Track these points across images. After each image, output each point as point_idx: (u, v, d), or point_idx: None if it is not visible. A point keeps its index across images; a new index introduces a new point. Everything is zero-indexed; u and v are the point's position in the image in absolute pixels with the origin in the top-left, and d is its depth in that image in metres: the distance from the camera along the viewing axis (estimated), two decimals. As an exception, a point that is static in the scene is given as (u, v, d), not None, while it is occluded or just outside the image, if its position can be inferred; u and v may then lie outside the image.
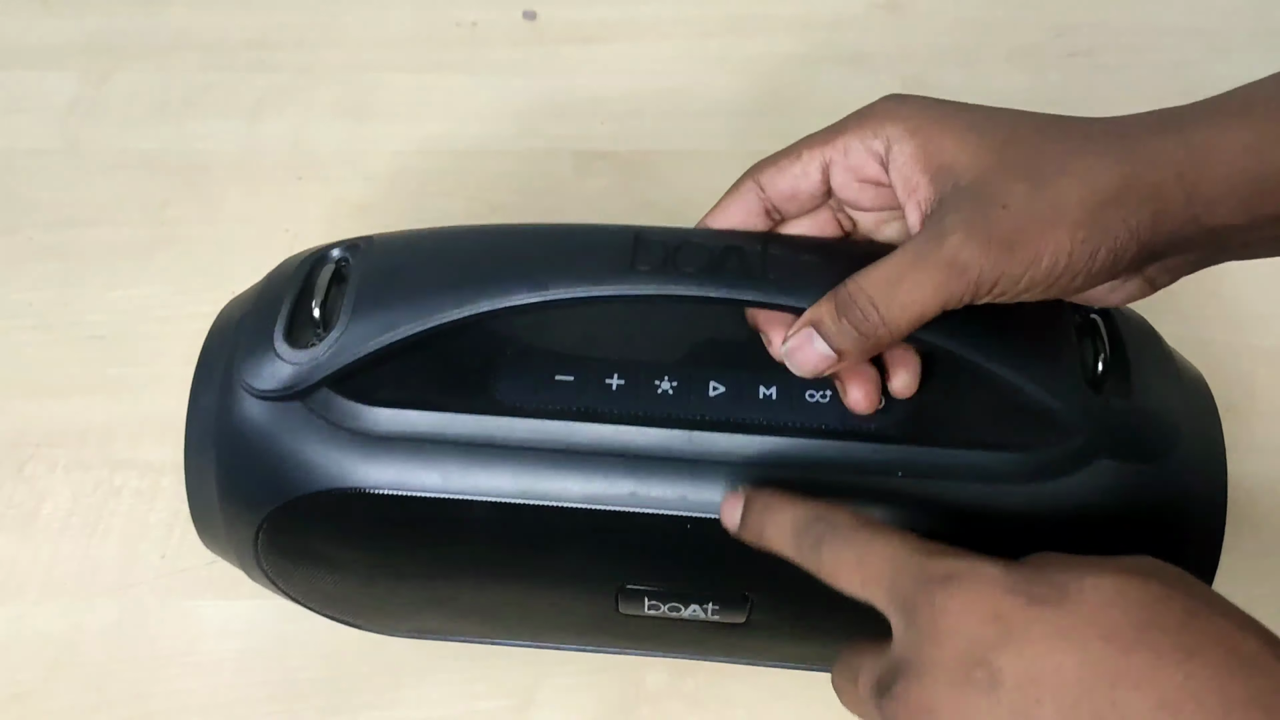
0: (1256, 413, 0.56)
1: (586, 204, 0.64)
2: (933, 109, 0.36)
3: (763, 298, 0.36)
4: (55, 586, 0.51)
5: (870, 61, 0.71)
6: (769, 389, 0.38)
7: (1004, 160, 0.33)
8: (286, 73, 0.70)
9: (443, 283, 0.37)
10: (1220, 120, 0.34)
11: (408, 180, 0.65)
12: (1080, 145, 0.34)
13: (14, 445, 0.55)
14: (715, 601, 0.40)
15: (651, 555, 0.39)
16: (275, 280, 0.41)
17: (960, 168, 0.34)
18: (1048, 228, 0.32)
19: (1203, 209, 0.32)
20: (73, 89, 0.69)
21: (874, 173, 0.36)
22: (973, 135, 0.34)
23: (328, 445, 0.37)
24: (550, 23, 0.74)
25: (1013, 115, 0.35)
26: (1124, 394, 0.37)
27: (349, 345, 0.37)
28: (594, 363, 0.39)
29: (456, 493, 0.37)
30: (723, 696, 0.48)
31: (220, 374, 0.39)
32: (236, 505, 0.39)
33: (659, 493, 0.37)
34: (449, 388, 0.38)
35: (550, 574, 0.41)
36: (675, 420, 0.37)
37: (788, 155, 0.38)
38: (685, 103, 0.69)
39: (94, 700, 0.48)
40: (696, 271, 0.36)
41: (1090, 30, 0.73)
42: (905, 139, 0.35)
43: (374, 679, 0.49)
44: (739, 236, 0.38)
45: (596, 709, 0.48)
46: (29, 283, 0.61)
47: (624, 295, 0.36)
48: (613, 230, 0.38)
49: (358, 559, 0.41)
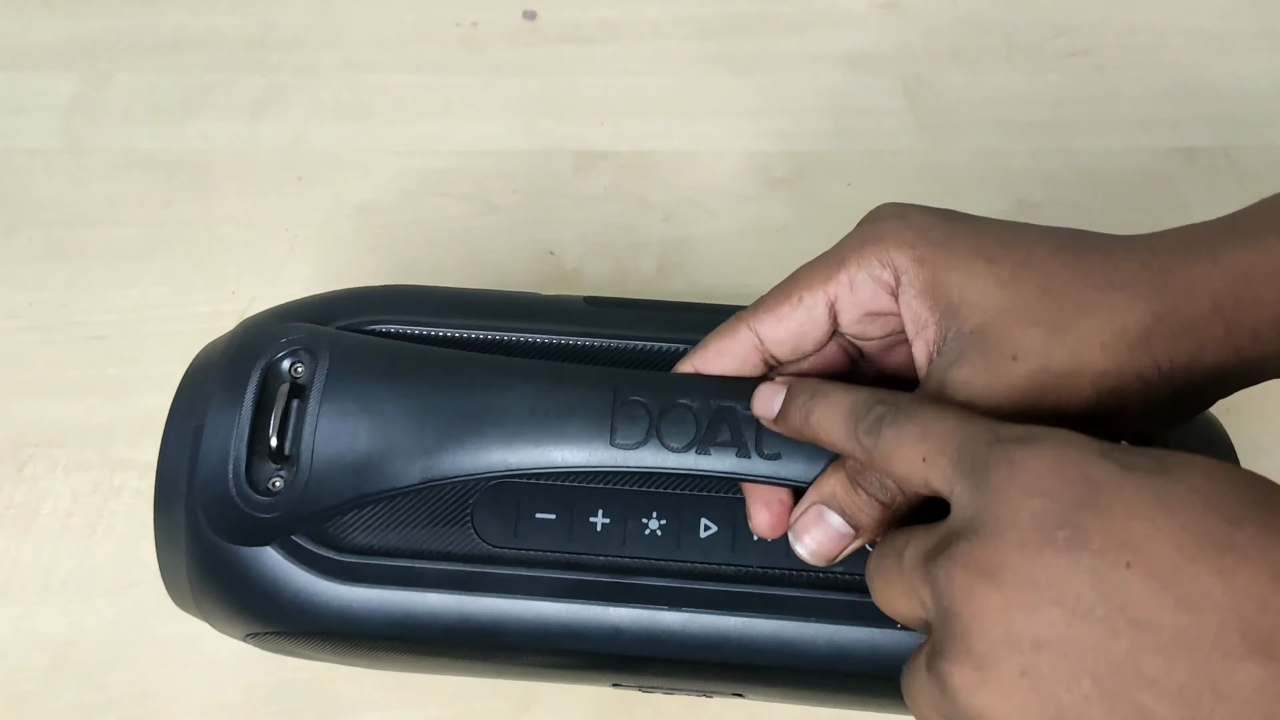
0: (1257, 413, 0.56)
1: (586, 204, 0.64)
2: (937, 231, 0.32)
3: (760, 475, 0.34)
4: (55, 586, 0.51)
5: (870, 61, 0.71)
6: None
7: (1016, 298, 0.30)
8: (286, 73, 0.70)
9: (408, 448, 0.35)
10: (1258, 240, 0.29)
11: (407, 180, 0.65)
12: (1104, 275, 0.29)
13: (14, 445, 0.55)
14: (708, 695, 0.40)
15: (643, 673, 0.38)
16: (230, 384, 0.38)
17: (966, 308, 0.30)
18: (1069, 380, 0.28)
19: (1246, 341, 0.29)
20: (73, 89, 0.69)
21: (885, 304, 0.33)
22: (980, 264, 0.30)
23: (300, 590, 0.36)
24: (550, 23, 0.74)
25: (1024, 236, 0.31)
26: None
27: (314, 496, 0.36)
28: (576, 495, 0.36)
29: (438, 634, 0.36)
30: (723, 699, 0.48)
31: (182, 502, 0.37)
32: (217, 623, 0.39)
33: (649, 632, 0.36)
34: (424, 529, 0.36)
35: (541, 675, 0.41)
36: (666, 570, 0.36)
37: (785, 300, 0.33)
38: (685, 103, 0.69)
39: (94, 700, 0.48)
40: (683, 448, 0.34)
41: (1090, 30, 0.73)
42: (914, 270, 0.31)
43: (374, 679, 0.48)
44: (730, 390, 0.34)
45: (596, 709, 0.48)
46: (29, 283, 0.61)
47: (606, 470, 0.34)
48: (591, 382, 0.35)
49: (349, 662, 0.41)
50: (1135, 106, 0.69)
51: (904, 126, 0.68)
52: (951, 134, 0.67)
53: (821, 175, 0.66)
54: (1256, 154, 0.67)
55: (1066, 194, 0.65)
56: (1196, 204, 0.64)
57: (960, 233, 0.31)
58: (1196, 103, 0.68)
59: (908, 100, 0.69)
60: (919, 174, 0.66)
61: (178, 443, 0.38)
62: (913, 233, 0.32)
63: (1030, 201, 0.64)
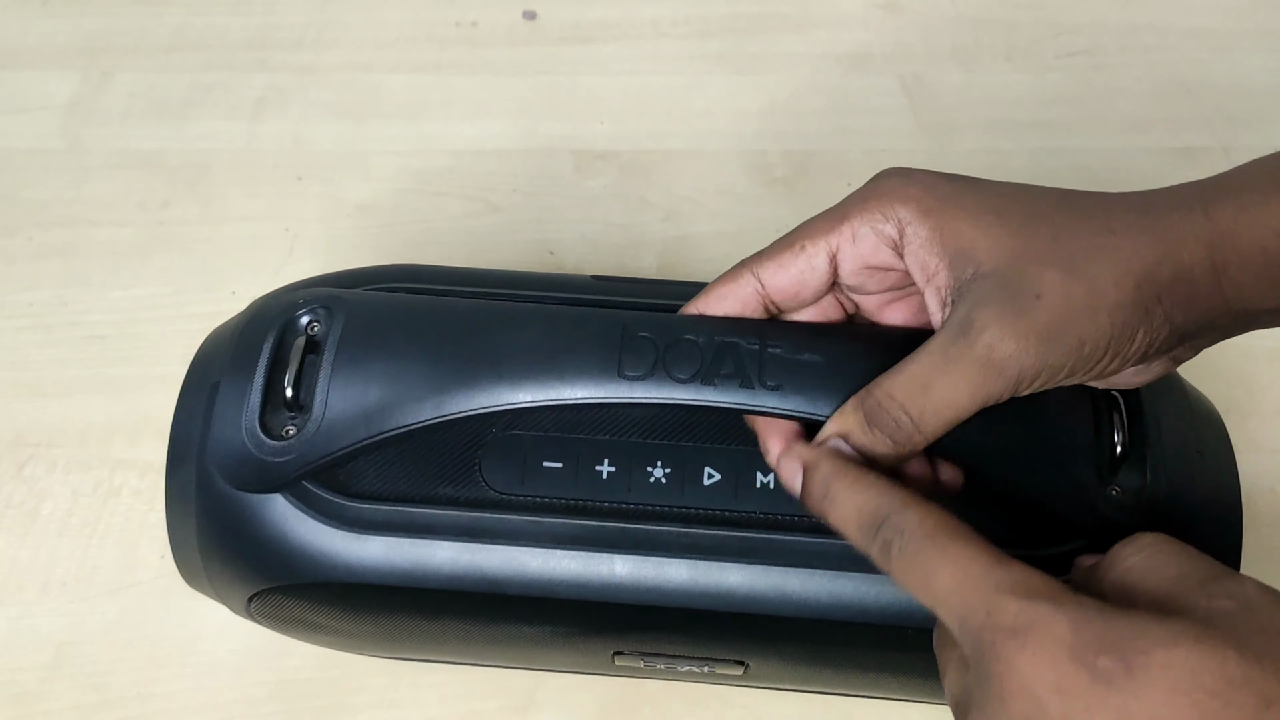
0: (1256, 413, 0.56)
1: (586, 204, 0.64)
2: (942, 186, 0.33)
3: (763, 406, 0.34)
4: (55, 586, 0.51)
5: (870, 61, 0.71)
6: (767, 476, 0.37)
7: (1029, 245, 0.31)
8: (286, 73, 0.70)
9: (421, 383, 0.36)
10: (1246, 199, 0.31)
11: (407, 180, 0.65)
12: (1106, 224, 0.31)
13: (14, 445, 0.55)
14: (710, 665, 0.40)
15: (645, 634, 0.38)
16: (246, 343, 0.39)
17: (981, 252, 0.31)
18: (1088, 315, 0.30)
19: (1232, 293, 0.31)
20: (73, 89, 0.69)
21: (886, 259, 0.34)
22: (989, 216, 0.32)
23: (309, 538, 0.36)
24: (550, 23, 0.74)
25: (1027, 192, 0.33)
26: (1136, 486, 0.36)
27: (326, 439, 0.36)
28: (583, 445, 0.37)
29: (444, 585, 0.36)
30: (723, 696, 0.48)
31: (194, 455, 0.38)
32: (222, 585, 0.39)
33: (654, 584, 0.36)
34: (433, 476, 0.37)
35: (543, 643, 0.40)
36: (669, 515, 0.36)
37: (789, 248, 0.35)
38: (685, 103, 0.69)
39: (94, 700, 0.48)
40: (689, 378, 0.34)
41: (1090, 30, 0.73)
42: (919, 221, 0.33)
43: (374, 679, 0.49)
44: (733, 328, 0.36)
45: (596, 709, 0.48)
46: (29, 283, 0.61)
47: (613, 402, 0.35)
48: (600, 323, 0.36)
49: (349, 629, 0.41)
50: (1135, 106, 0.69)
51: (904, 126, 0.68)
52: (951, 134, 0.67)
53: (821, 175, 0.66)
54: (1256, 153, 0.66)
55: (1066, 194, 0.65)
56: (1196, 204, 0.64)
57: (963, 189, 0.33)
58: (1195, 102, 0.68)
59: (907, 100, 0.69)
60: (919, 174, 0.66)
61: (193, 402, 0.39)
62: (917, 188, 0.33)
63: (1030, 201, 0.64)
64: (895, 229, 0.33)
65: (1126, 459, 0.36)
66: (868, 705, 0.47)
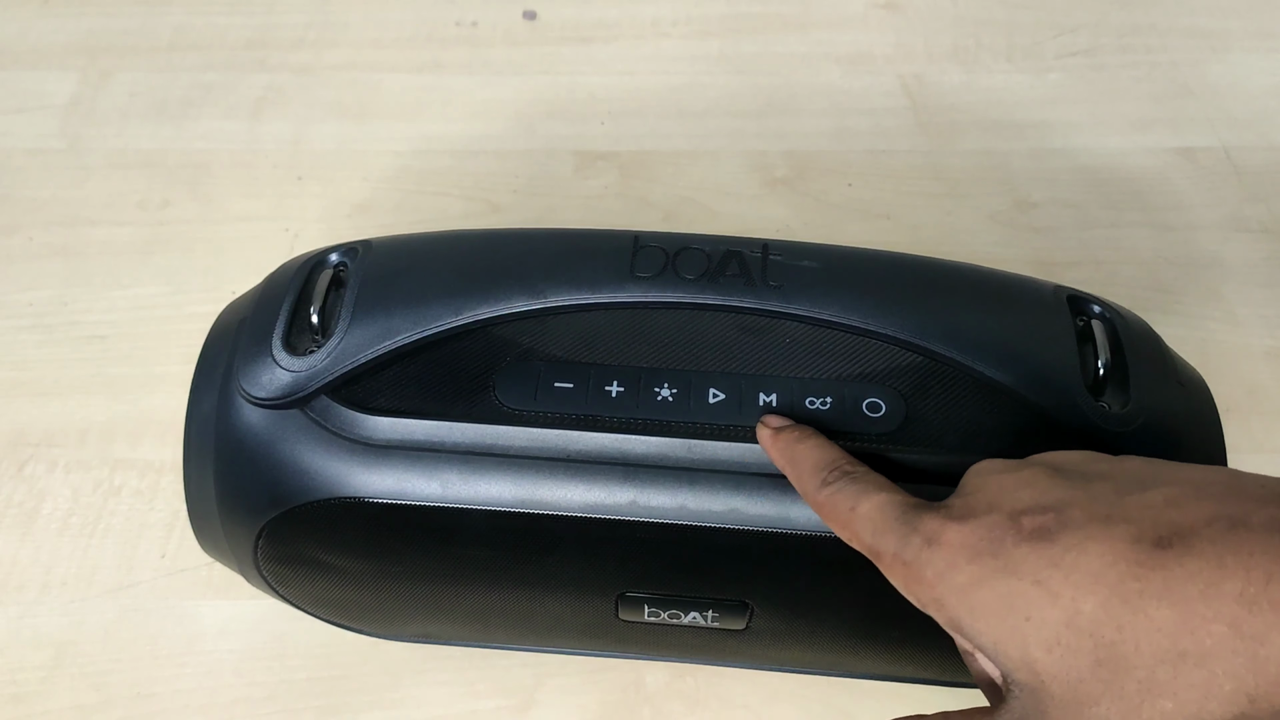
0: (1256, 413, 0.56)
1: (586, 204, 0.64)
2: (963, 562, 0.28)
3: (763, 305, 0.36)
4: (55, 586, 0.51)
5: (870, 61, 0.71)
6: (769, 395, 0.38)
7: (1063, 670, 0.25)
8: (286, 73, 0.70)
9: (441, 290, 0.38)
10: None
11: (407, 180, 0.65)
12: (1184, 642, 0.24)
13: (14, 445, 0.55)
14: (715, 609, 0.40)
15: (651, 562, 0.39)
16: (273, 284, 0.41)
17: (1010, 665, 0.27)
18: None
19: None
20: (72, 89, 0.69)
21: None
22: (1016, 620, 0.26)
23: (326, 454, 0.37)
24: (550, 23, 0.74)
25: (1071, 576, 0.26)
26: (1123, 401, 0.37)
27: (347, 353, 0.38)
28: (594, 369, 0.38)
29: (455, 501, 0.37)
30: (723, 696, 0.48)
31: (219, 380, 0.39)
32: (235, 513, 0.39)
33: (658, 501, 0.37)
34: (448, 395, 0.38)
35: (550, 580, 0.41)
36: (675, 428, 0.37)
37: None
38: (685, 103, 0.69)
39: (94, 700, 0.48)
40: (697, 278, 0.37)
41: (1090, 30, 0.73)
42: (934, 610, 0.29)
43: (374, 679, 0.49)
44: (739, 241, 0.39)
45: (596, 709, 0.48)
46: (29, 283, 0.61)
47: (623, 303, 0.37)
48: (612, 235, 0.39)
49: (357, 566, 0.41)
50: (1135, 106, 0.69)
51: (904, 126, 0.68)
52: (951, 134, 0.67)
53: (821, 175, 0.66)
54: (1256, 153, 0.67)
55: (1066, 194, 0.65)
56: (1196, 204, 0.64)
57: (987, 573, 0.27)
58: (1196, 102, 0.69)
59: (908, 100, 0.69)
60: (919, 174, 0.66)
61: (221, 332, 0.41)
62: (933, 570, 0.28)
63: (1030, 201, 0.64)
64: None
65: (1109, 381, 0.38)
66: (868, 705, 0.47)
